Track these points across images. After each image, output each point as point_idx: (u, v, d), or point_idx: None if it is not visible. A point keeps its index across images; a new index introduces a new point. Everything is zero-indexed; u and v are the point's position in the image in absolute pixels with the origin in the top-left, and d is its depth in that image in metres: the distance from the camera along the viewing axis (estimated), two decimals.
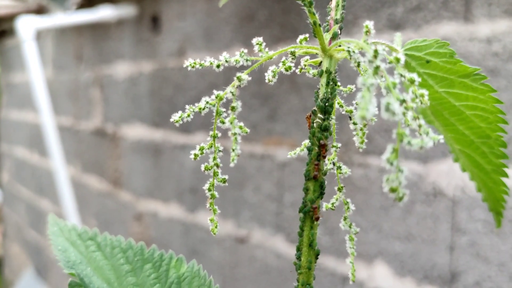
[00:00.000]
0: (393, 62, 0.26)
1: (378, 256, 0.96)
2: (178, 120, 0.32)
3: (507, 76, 0.77)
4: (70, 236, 0.38)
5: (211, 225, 0.32)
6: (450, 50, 0.30)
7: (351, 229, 0.35)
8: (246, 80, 0.31)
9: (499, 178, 0.32)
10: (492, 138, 0.31)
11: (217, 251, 1.39)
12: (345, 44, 0.29)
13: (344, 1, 0.33)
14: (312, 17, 0.30)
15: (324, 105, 0.30)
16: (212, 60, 0.32)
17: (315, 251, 0.31)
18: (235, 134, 0.31)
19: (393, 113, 0.22)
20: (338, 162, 0.35)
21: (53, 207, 2.48)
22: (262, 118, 1.21)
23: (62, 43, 2.34)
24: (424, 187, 0.88)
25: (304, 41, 0.33)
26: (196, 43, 1.43)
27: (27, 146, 2.86)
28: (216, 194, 0.33)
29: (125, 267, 0.36)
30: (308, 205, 0.31)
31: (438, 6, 0.85)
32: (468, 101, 0.31)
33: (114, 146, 1.88)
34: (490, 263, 0.80)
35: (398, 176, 0.23)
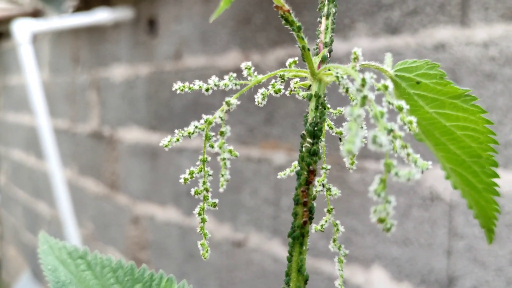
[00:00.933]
0: (381, 89, 0.25)
1: (375, 261, 0.95)
2: (167, 145, 0.32)
3: (503, 81, 0.77)
4: (60, 254, 0.38)
5: (201, 250, 0.32)
6: (440, 72, 0.30)
7: (340, 251, 0.34)
8: (235, 104, 0.31)
9: (491, 196, 0.33)
10: (483, 157, 0.32)
11: (214, 255, 1.38)
12: (334, 69, 0.28)
13: (333, 24, 0.32)
14: (301, 42, 0.30)
15: (313, 130, 0.30)
16: (201, 84, 0.31)
17: (304, 277, 0.30)
18: (224, 159, 0.31)
19: (379, 145, 0.21)
20: (327, 184, 0.35)
21: (49, 210, 2.47)
22: (259, 122, 1.21)
23: (58, 46, 2.33)
24: (421, 192, 0.88)
25: (294, 64, 0.32)
26: (192, 46, 1.43)
27: (23, 149, 2.86)
28: (207, 217, 0.33)
29: (115, 287, 0.36)
30: (296, 230, 0.30)
31: (435, 10, 0.85)
32: (459, 122, 0.31)
33: (111, 149, 1.88)
34: (487, 267, 0.79)
35: (386, 207, 0.22)
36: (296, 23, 0.29)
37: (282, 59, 1.13)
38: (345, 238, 1.00)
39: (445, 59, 0.83)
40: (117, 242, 1.88)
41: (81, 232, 2.10)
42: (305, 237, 0.30)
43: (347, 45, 0.99)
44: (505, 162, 0.77)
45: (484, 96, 0.79)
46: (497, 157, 0.83)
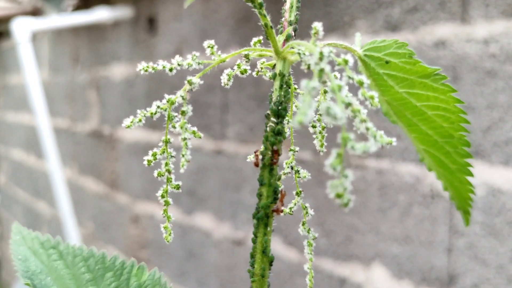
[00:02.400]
0: (342, 64, 0.25)
1: (376, 259, 0.95)
2: (129, 125, 0.31)
3: (504, 77, 0.76)
4: (32, 244, 0.38)
5: (165, 233, 0.32)
6: (409, 51, 0.30)
7: (309, 234, 0.34)
8: (198, 83, 0.31)
9: (464, 177, 0.32)
10: (455, 137, 0.31)
11: (214, 253, 1.38)
12: (296, 46, 0.28)
13: (298, 2, 0.32)
14: (263, 19, 0.29)
15: (277, 109, 0.29)
16: (165, 63, 0.32)
17: (268, 258, 0.30)
18: (185, 139, 0.31)
19: (334, 117, 0.21)
20: (296, 166, 0.34)
21: (49, 209, 2.47)
22: (259, 120, 1.21)
23: (58, 45, 2.33)
24: (421, 189, 0.88)
25: (259, 43, 0.32)
26: (192, 45, 1.43)
27: (23, 148, 2.86)
28: (171, 201, 0.33)
29: (86, 276, 0.36)
30: (261, 211, 0.30)
31: (435, 7, 0.85)
32: (429, 101, 0.30)
33: (110, 148, 1.88)
34: (488, 265, 0.79)
35: (343, 182, 0.21)
36: (257, 1, 0.29)
37: None
38: (346, 236, 1.00)
39: (445, 56, 0.83)
40: (117, 241, 1.88)
41: (81, 231, 2.10)
42: (269, 217, 0.30)
43: (347, 42, 0.98)
44: (506, 160, 0.77)
45: (485, 93, 0.79)
46: (499, 154, 0.83)
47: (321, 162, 1.03)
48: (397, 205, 0.92)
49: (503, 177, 0.77)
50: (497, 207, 0.78)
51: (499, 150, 0.78)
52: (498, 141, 0.78)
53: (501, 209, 0.78)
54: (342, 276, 1.02)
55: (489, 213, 0.79)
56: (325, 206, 1.02)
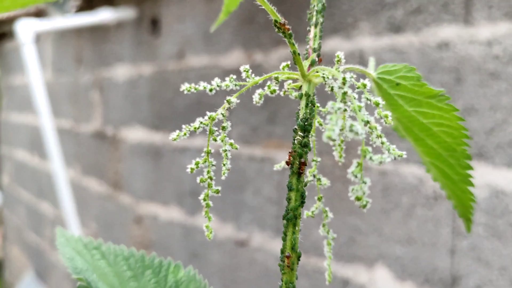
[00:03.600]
0: (361, 87, 0.29)
1: (379, 260, 0.95)
2: (176, 138, 0.36)
3: (507, 79, 0.76)
4: (76, 246, 0.41)
5: (206, 231, 0.36)
6: (417, 74, 0.34)
7: (329, 235, 0.39)
8: (235, 102, 0.36)
9: (466, 187, 0.36)
10: (458, 151, 0.35)
11: (217, 254, 1.38)
12: (321, 71, 0.32)
13: (321, 32, 0.37)
14: (292, 47, 0.34)
15: (304, 125, 0.34)
16: (206, 84, 0.36)
17: (297, 254, 0.34)
18: (226, 151, 0.36)
19: (356, 133, 0.25)
20: (318, 175, 0.39)
21: (53, 210, 2.48)
22: (262, 121, 1.21)
23: (61, 46, 2.33)
24: (424, 191, 0.88)
25: (287, 67, 0.37)
26: (195, 46, 1.43)
27: (27, 149, 2.86)
28: (211, 203, 0.37)
29: (127, 273, 0.39)
30: (290, 213, 0.34)
31: (438, 9, 0.85)
32: (435, 119, 0.34)
33: (114, 149, 1.88)
34: (491, 267, 0.79)
35: (362, 187, 0.26)
36: (287, 32, 0.34)
37: (285, 58, 1.13)
38: (349, 237, 1.00)
39: (448, 57, 0.83)
40: (120, 241, 1.88)
41: (84, 231, 2.10)
42: (297, 218, 0.34)
43: (350, 44, 0.99)
44: (509, 161, 0.77)
45: (488, 95, 0.79)
46: (502, 156, 0.83)
47: (324, 163, 1.03)
48: (400, 207, 0.92)
49: (507, 179, 0.77)
50: (500, 208, 0.78)
51: (503, 151, 0.78)
52: (501, 143, 0.78)
53: (504, 211, 0.78)
54: (345, 277, 1.02)
55: (492, 215, 0.79)
56: (328, 207, 1.02)
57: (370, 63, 0.36)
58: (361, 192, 0.26)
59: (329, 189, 1.01)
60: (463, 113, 0.82)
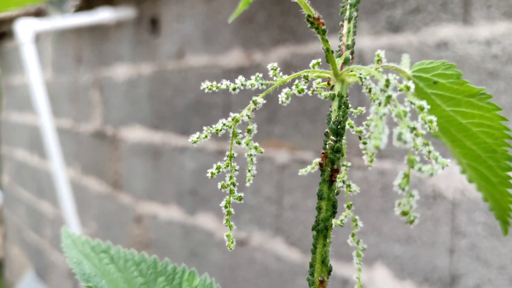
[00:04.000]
0: (404, 90, 0.27)
1: (378, 259, 0.95)
2: (196, 141, 0.33)
3: (506, 79, 0.76)
4: (83, 248, 0.38)
5: (227, 241, 0.34)
6: (457, 72, 0.31)
7: (359, 245, 0.36)
8: (262, 103, 0.33)
9: (505, 189, 0.34)
10: (499, 152, 0.33)
11: (217, 254, 1.38)
12: (357, 70, 0.30)
13: (355, 28, 0.34)
14: (325, 44, 0.31)
15: (336, 128, 0.31)
16: (229, 83, 0.33)
17: (327, 268, 0.32)
18: (251, 156, 0.33)
19: (404, 142, 0.23)
20: (347, 181, 0.36)
21: (53, 209, 2.48)
22: (261, 121, 1.21)
23: (61, 46, 2.34)
24: (423, 190, 0.88)
25: (317, 65, 0.34)
26: (195, 45, 1.43)
27: (27, 148, 2.86)
28: (232, 210, 0.35)
29: (138, 279, 0.37)
30: (321, 223, 0.31)
31: (437, 8, 0.85)
32: (475, 119, 0.32)
33: (113, 148, 1.88)
34: (490, 266, 0.79)
35: (409, 201, 0.24)
36: (321, 28, 0.31)
37: (285, 58, 1.13)
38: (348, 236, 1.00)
39: (447, 57, 0.83)
40: (120, 241, 1.88)
41: (85, 231, 2.11)
42: (328, 230, 0.31)
43: None
44: None
45: None
46: None
47: None
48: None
49: None
50: None
51: None
52: None
53: None
54: (345, 276, 1.02)
55: (491, 214, 0.79)
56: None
57: (404, 60, 0.33)
58: (408, 207, 0.24)
59: None
60: None
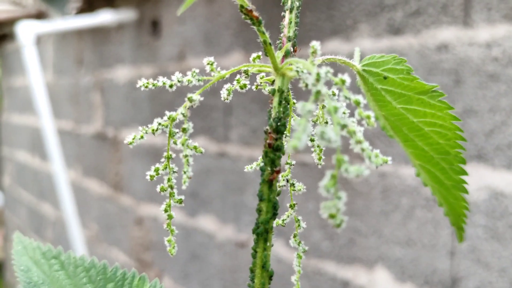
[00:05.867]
0: (339, 84, 0.25)
1: (379, 261, 0.95)
2: (131, 142, 0.32)
3: (507, 81, 0.76)
4: (34, 255, 0.38)
5: (168, 246, 0.32)
6: (407, 67, 0.30)
7: (300, 247, 0.34)
8: (198, 100, 0.30)
9: (459, 193, 0.32)
10: (452, 154, 0.31)
11: (218, 256, 1.38)
12: (294, 64, 0.28)
13: (297, 18, 0.32)
14: (262, 36, 0.30)
15: (277, 125, 0.29)
16: (165, 80, 0.32)
17: (268, 273, 0.30)
18: (187, 156, 0.31)
19: (328, 141, 0.21)
20: (291, 179, 0.34)
21: (54, 211, 2.48)
22: (262, 123, 1.21)
23: (62, 48, 2.34)
24: (424, 192, 0.88)
25: (258, 59, 0.32)
26: (196, 48, 1.43)
27: (28, 150, 2.87)
28: (174, 214, 0.33)
29: (87, 286, 0.36)
30: (260, 226, 0.30)
31: (438, 11, 0.85)
32: (426, 118, 0.31)
33: (114, 150, 1.88)
34: (491, 268, 0.79)
35: (336, 203, 0.22)
36: (256, 19, 0.30)
37: None
38: (349, 239, 1.00)
39: (448, 59, 0.83)
40: (121, 243, 1.88)
41: (85, 233, 2.11)
42: (269, 233, 0.30)
43: (350, 46, 0.99)
44: (508, 163, 0.77)
45: (488, 97, 0.79)
46: (501, 158, 0.83)
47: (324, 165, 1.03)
48: (399, 208, 0.92)
49: (506, 181, 0.77)
50: (500, 210, 0.78)
51: (502, 153, 0.78)
52: (500, 145, 0.78)
53: (503, 213, 0.78)
54: (345, 279, 1.02)
55: (492, 217, 0.79)
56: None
57: (355, 53, 0.31)
58: (335, 209, 0.21)
59: None
60: (463, 115, 0.82)
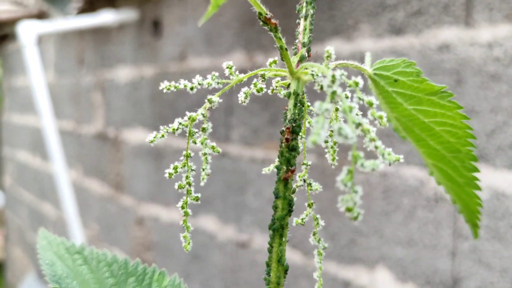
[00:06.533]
0: (352, 86, 0.27)
1: (380, 262, 0.95)
2: (152, 140, 0.33)
3: (508, 81, 0.76)
4: (58, 250, 0.39)
5: (184, 242, 0.33)
6: (416, 69, 0.31)
7: (320, 244, 0.35)
8: (217, 102, 0.33)
9: (472, 190, 0.33)
10: (463, 152, 0.32)
11: (219, 256, 1.38)
12: (310, 68, 0.30)
13: (311, 25, 0.34)
14: (279, 42, 0.31)
15: (292, 126, 0.31)
16: (186, 83, 0.34)
17: (284, 267, 0.31)
18: (205, 154, 0.33)
19: (345, 137, 0.23)
20: (308, 179, 0.36)
21: (55, 211, 2.48)
22: (263, 123, 1.21)
23: (63, 48, 2.34)
24: (425, 193, 0.88)
25: (274, 64, 0.34)
26: (197, 48, 1.43)
27: (29, 150, 2.87)
28: (190, 211, 0.34)
29: (109, 280, 0.38)
30: (276, 222, 0.31)
31: (439, 11, 0.85)
32: (437, 118, 0.32)
33: (115, 150, 1.88)
34: (492, 269, 0.79)
35: (353, 197, 0.23)
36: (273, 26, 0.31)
37: None
38: (350, 239, 1.00)
39: (449, 59, 0.83)
40: (122, 243, 1.88)
41: (86, 233, 2.11)
42: (284, 228, 0.31)
43: (351, 46, 0.99)
44: (510, 163, 0.77)
45: (489, 97, 0.79)
46: (503, 158, 0.83)
47: (326, 165, 1.03)
48: (401, 208, 0.92)
49: (507, 181, 0.77)
50: (501, 210, 0.78)
51: (503, 153, 0.78)
52: (502, 145, 0.78)
53: (505, 213, 0.78)
54: (346, 279, 1.02)
55: (493, 217, 0.79)
56: (330, 209, 1.02)
57: (366, 58, 0.33)
58: (352, 203, 0.23)
59: (330, 191, 1.01)
60: None
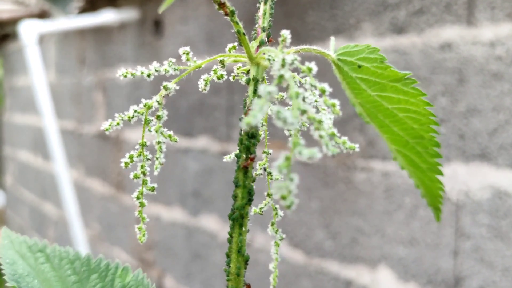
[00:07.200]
0: (305, 71, 0.26)
1: (382, 261, 0.95)
2: (108, 128, 0.32)
3: (510, 80, 0.76)
4: (20, 248, 0.39)
5: (138, 233, 0.32)
6: (380, 56, 0.31)
7: (277, 235, 0.35)
8: (173, 89, 0.32)
9: (435, 176, 0.34)
10: (426, 138, 0.33)
11: (220, 255, 1.38)
12: (267, 53, 0.29)
13: (272, 9, 0.33)
14: (236, 26, 0.31)
15: None
16: (143, 69, 0.32)
17: (244, 258, 0.31)
18: (160, 143, 0.32)
19: (284, 121, 0.22)
20: (268, 168, 0.35)
21: (56, 210, 2.48)
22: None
23: (65, 47, 2.34)
24: None
25: (233, 49, 0.33)
26: (198, 47, 1.43)
27: (30, 150, 2.87)
28: (146, 202, 0.33)
29: (72, 278, 0.37)
30: (236, 212, 0.30)
31: (441, 10, 0.85)
32: (400, 104, 0.32)
33: (116, 150, 1.88)
34: (494, 268, 0.79)
35: (288, 185, 0.22)
36: (229, 8, 0.30)
37: None
38: (352, 239, 1.00)
39: (451, 58, 0.83)
40: (123, 242, 1.88)
41: (88, 232, 2.11)
42: (244, 218, 0.30)
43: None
44: (511, 162, 0.77)
45: (491, 96, 0.78)
46: (505, 157, 0.82)
47: (327, 164, 1.03)
48: (402, 207, 0.92)
49: (510, 180, 0.77)
50: (504, 209, 0.78)
51: (505, 152, 0.78)
52: (504, 144, 0.78)
53: (507, 212, 0.78)
54: (348, 278, 1.02)
55: (496, 216, 0.79)
56: (331, 208, 1.02)
57: (331, 43, 0.32)
58: (286, 191, 0.22)
59: (331, 190, 1.01)
60: (466, 114, 0.82)
